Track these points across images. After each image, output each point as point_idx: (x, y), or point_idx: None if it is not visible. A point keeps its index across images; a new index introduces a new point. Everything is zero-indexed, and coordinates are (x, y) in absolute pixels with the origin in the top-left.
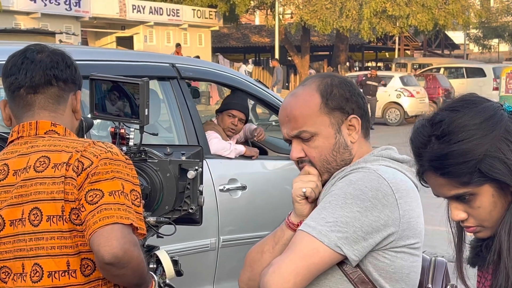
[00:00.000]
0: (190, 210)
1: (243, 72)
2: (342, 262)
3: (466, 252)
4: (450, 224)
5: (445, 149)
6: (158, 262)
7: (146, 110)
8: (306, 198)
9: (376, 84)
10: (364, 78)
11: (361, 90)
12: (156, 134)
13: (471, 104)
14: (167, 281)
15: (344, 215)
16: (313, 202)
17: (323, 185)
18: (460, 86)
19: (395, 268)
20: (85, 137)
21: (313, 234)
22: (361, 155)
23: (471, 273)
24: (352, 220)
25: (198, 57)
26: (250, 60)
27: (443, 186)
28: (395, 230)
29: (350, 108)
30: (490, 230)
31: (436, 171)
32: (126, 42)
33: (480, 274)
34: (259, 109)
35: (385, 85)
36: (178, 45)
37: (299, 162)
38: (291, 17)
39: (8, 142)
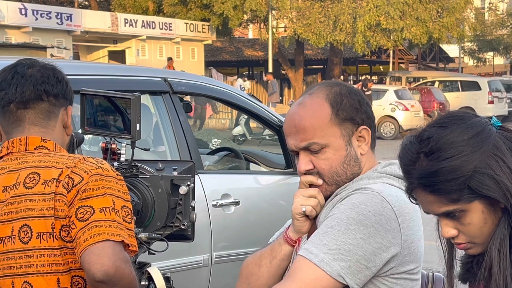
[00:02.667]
0: (182, 226)
1: (238, 86)
2: None
3: (457, 268)
4: (440, 240)
5: (434, 166)
6: (150, 279)
7: (138, 125)
8: (306, 216)
9: (370, 93)
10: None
11: None
12: (148, 149)
13: (459, 120)
14: None
15: (347, 242)
16: (314, 219)
17: (328, 197)
18: (455, 100)
19: None
20: (76, 153)
21: (315, 262)
22: (367, 169)
23: None
24: (355, 248)
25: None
26: (245, 73)
27: (432, 203)
28: (396, 256)
29: (360, 118)
30: (480, 247)
31: (425, 188)
32: (118, 56)
33: None
34: (253, 124)
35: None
36: (169, 59)
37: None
38: (285, 31)
39: None
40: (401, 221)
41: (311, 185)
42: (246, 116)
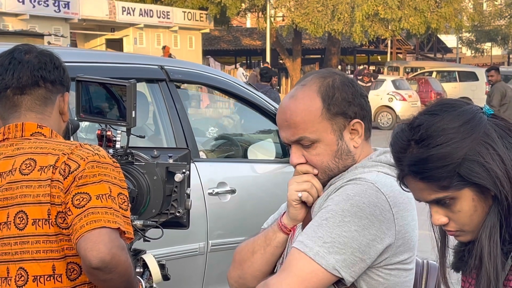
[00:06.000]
0: (177, 214)
1: (241, 75)
2: (337, 281)
3: (451, 257)
4: (433, 228)
5: (424, 154)
6: (145, 266)
7: (133, 112)
8: (303, 202)
9: (368, 85)
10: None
11: None
12: (143, 137)
13: (449, 107)
14: (154, 286)
15: (342, 235)
16: (310, 206)
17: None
18: (453, 90)
19: (388, 286)
20: (72, 139)
21: (310, 256)
22: (362, 159)
23: (456, 278)
24: (350, 241)
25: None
26: (243, 63)
27: (423, 190)
28: (390, 246)
29: (352, 112)
30: (471, 234)
31: (415, 175)
32: (115, 44)
33: (464, 279)
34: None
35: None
36: (164, 47)
37: None
38: (283, 20)
39: None
40: (395, 212)
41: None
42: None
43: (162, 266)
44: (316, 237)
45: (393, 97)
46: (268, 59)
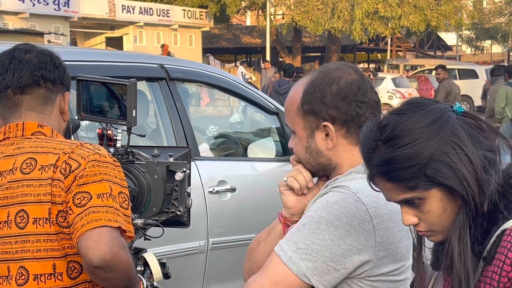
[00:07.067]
0: (178, 212)
1: (240, 75)
2: None
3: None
4: (410, 228)
5: (390, 154)
6: (146, 264)
7: (134, 111)
8: (292, 189)
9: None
10: None
11: None
12: (144, 136)
13: (417, 107)
14: (155, 284)
15: (315, 243)
16: (301, 195)
17: (313, 174)
18: None
19: None
20: (73, 139)
21: (283, 260)
22: (352, 163)
23: None
24: (323, 249)
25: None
26: (244, 61)
27: (391, 190)
28: (370, 258)
29: (327, 113)
30: (441, 234)
31: (382, 176)
32: (115, 43)
33: (445, 277)
34: (250, 111)
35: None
36: (163, 45)
37: None
38: (283, 18)
39: None
40: (376, 223)
41: None
42: (243, 104)
43: (162, 265)
44: (292, 242)
45: (393, 95)
46: (268, 57)
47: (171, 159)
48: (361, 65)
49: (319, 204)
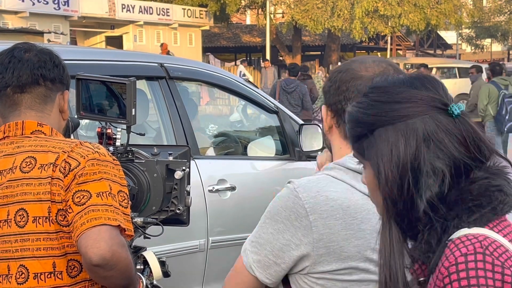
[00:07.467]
0: (177, 211)
1: (239, 73)
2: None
3: None
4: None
5: (351, 109)
6: (145, 263)
7: (133, 110)
8: None
9: None
10: None
11: None
12: (143, 134)
13: (411, 87)
14: (155, 282)
15: (261, 236)
16: None
17: None
18: (453, 86)
19: None
20: (72, 137)
21: (241, 251)
22: (340, 155)
23: None
24: (266, 243)
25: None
26: (244, 60)
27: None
28: (308, 254)
29: (326, 98)
30: (379, 209)
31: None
32: (115, 42)
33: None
34: (250, 110)
35: None
36: (162, 44)
37: None
38: (282, 17)
39: None
40: (313, 219)
41: None
42: (243, 102)
43: (162, 263)
44: (252, 234)
45: None
46: (268, 56)
47: (171, 158)
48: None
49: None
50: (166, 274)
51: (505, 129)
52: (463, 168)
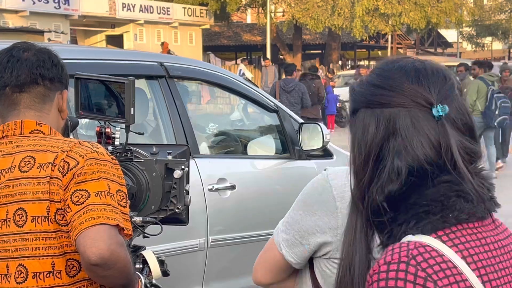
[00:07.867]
0: (177, 210)
1: (239, 72)
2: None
3: None
4: None
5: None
6: (144, 262)
7: (132, 109)
8: None
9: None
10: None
11: None
12: (142, 134)
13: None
14: (154, 281)
15: (291, 216)
16: None
17: None
18: None
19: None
20: (71, 137)
21: (274, 230)
22: None
23: None
24: (294, 223)
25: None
26: (244, 58)
27: None
28: (331, 240)
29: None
30: None
31: None
32: (116, 41)
33: None
34: (250, 109)
35: None
36: (162, 43)
37: None
38: (283, 15)
39: None
40: (339, 205)
41: None
42: (243, 101)
43: (161, 262)
44: (285, 216)
45: None
46: (268, 54)
47: (170, 157)
48: (362, 62)
49: None
50: (165, 273)
51: (495, 124)
52: (429, 171)
